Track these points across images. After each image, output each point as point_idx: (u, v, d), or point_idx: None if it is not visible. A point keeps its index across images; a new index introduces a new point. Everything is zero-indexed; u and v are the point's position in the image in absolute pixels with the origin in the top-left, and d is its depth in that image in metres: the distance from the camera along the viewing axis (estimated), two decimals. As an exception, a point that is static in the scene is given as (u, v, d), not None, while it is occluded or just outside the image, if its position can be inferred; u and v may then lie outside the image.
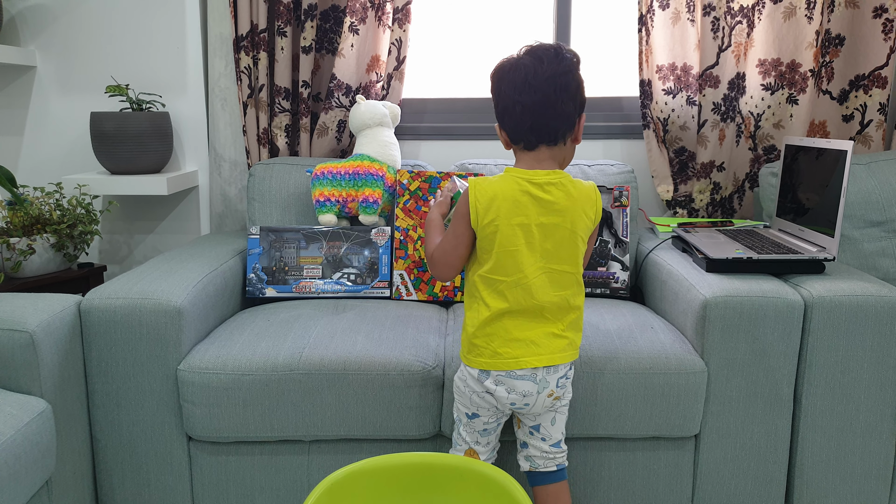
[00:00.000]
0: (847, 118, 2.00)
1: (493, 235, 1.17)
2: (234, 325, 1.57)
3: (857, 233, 1.80)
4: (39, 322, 1.30)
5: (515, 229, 1.17)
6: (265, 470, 1.47)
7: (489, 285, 1.19)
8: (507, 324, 1.20)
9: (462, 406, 1.28)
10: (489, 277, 1.19)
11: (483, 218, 1.16)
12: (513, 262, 1.18)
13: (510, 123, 1.18)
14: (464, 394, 1.26)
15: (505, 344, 1.20)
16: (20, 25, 2.06)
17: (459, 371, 1.28)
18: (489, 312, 1.19)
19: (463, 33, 2.22)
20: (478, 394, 1.23)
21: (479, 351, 1.21)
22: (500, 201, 1.16)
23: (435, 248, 1.24)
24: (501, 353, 1.20)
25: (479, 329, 1.20)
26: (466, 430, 1.29)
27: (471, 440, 1.29)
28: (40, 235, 1.79)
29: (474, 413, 1.26)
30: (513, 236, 1.17)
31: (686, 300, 1.50)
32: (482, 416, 1.26)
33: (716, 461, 1.48)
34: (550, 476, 1.30)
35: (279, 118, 2.01)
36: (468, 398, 1.25)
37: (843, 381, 1.44)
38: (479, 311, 1.20)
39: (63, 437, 1.35)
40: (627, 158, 2.13)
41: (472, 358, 1.22)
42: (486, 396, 1.23)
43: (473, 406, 1.25)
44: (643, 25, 1.97)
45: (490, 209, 1.16)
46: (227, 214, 2.11)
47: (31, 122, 2.11)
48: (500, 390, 1.21)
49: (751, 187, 2.07)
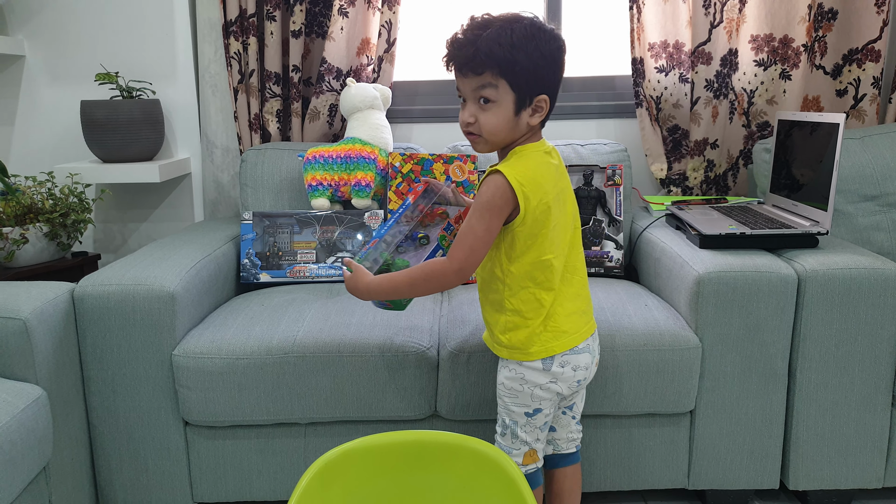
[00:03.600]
0: (841, 93, 1.99)
1: (545, 215, 1.11)
2: (229, 310, 1.57)
3: (851, 207, 1.79)
4: (33, 309, 1.30)
5: (556, 202, 1.13)
6: (262, 453, 1.47)
7: (545, 269, 1.13)
8: (564, 299, 1.16)
9: (518, 407, 1.20)
10: (544, 260, 1.13)
11: (532, 202, 1.09)
12: (560, 235, 1.15)
13: (555, 100, 1.12)
14: (521, 393, 1.18)
15: (567, 320, 1.16)
16: (8, 15, 2.05)
17: (506, 372, 1.19)
18: (552, 294, 1.14)
19: (453, 14, 2.20)
20: (541, 386, 1.17)
21: (545, 338, 1.15)
22: (541, 180, 1.11)
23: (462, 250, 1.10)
24: (567, 330, 1.16)
25: (545, 318, 1.15)
26: (526, 430, 1.21)
27: (531, 439, 1.22)
28: (33, 225, 1.78)
29: (536, 409, 1.19)
30: (556, 210, 1.13)
31: (680, 277, 1.50)
32: (544, 409, 1.20)
33: (711, 436, 1.49)
34: (571, 457, 1.31)
35: (270, 103, 2.00)
36: (528, 395, 1.18)
37: (838, 354, 1.44)
38: (540, 298, 1.14)
39: (60, 424, 1.36)
40: (621, 137, 2.12)
41: (535, 350, 1.15)
42: (550, 386, 1.17)
43: (535, 401, 1.19)
44: (634, 3, 1.95)
45: (536, 191, 1.09)
46: (220, 201, 2.11)
47: (22, 111, 2.10)
48: (566, 371, 1.17)
49: (745, 164, 2.06)
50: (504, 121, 1.10)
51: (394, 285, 1.16)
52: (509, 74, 1.07)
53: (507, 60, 1.06)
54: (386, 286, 1.16)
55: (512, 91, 1.08)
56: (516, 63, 1.06)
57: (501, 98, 1.09)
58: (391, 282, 1.16)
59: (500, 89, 1.08)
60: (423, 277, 1.13)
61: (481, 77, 1.08)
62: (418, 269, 1.14)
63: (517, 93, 1.08)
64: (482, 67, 1.07)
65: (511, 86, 1.08)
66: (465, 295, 1.67)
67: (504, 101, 1.09)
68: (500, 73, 1.07)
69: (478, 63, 1.07)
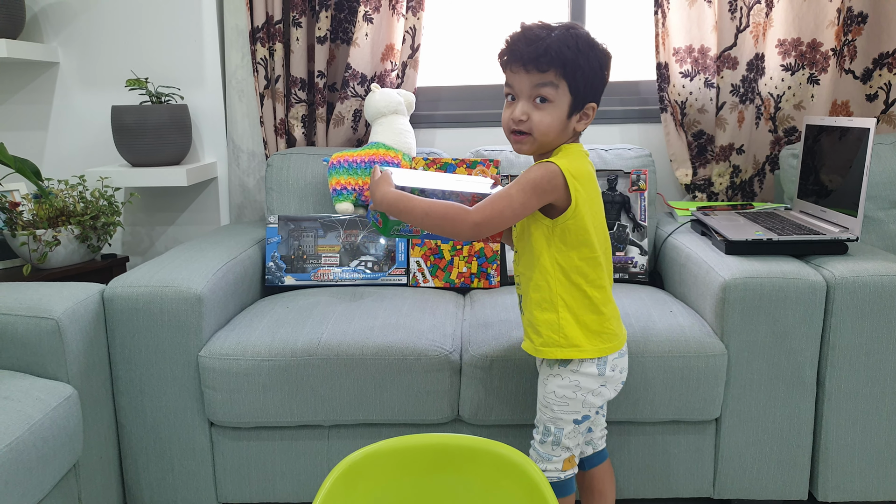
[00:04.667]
0: (871, 97, 1.96)
1: (592, 211, 1.13)
2: (254, 312, 1.59)
3: (881, 214, 1.76)
4: (65, 309, 1.33)
5: (600, 200, 1.16)
6: (285, 454, 1.49)
7: (595, 266, 1.14)
8: (610, 301, 1.18)
9: (568, 415, 1.18)
10: (594, 257, 1.13)
11: (584, 194, 1.10)
12: (604, 234, 1.17)
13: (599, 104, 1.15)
14: (574, 400, 1.17)
15: (617, 322, 1.19)
16: (42, 22, 2.10)
17: (559, 381, 1.17)
18: (602, 293, 1.15)
19: (477, 21, 2.21)
20: (593, 392, 1.17)
21: (602, 338, 1.15)
22: (589, 176, 1.13)
23: (490, 209, 1.09)
24: (617, 333, 1.17)
25: (598, 316, 1.15)
26: (570, 437, 1.20)
27: (573, 444, 1.20)
28: (65, 227, 1.82)
29: (585, 416, 1.18)
30: (601, 208, 1.16)
31: (705, 283, 1.49)
32: (591, 415, 1.20)
33: (737, 445, 1.47)
34: (602, 454, 1.32)
35: (295, 108, 2.02)
36: (580, 402, 1.17)
37: (868, 363, 1.41)
38: (591, 295, 1.14)
39: (89, 423, 1.38)
40: (645, 142, 2.11)
41: (590, 348, 1.14)
42: (601, 391, 1.17)
43: (586, 408, 1.18)
44: (659, 7, 1.94)
45: (586, 186, 1.11)
46: (245, 205, 2.13)
47: (55, 116, 2.15)
48: (616, 375, 1.18)
49: (771, 170, 2.03)
50: (557, 122, 1.11)
51: (410, 206, 1.13)
52: (571, 77, 1.08)
53: (573, 63, 1.07)
54: (402, 203, 1.13)
55: (570, 94, 1.09)
56: (579, 67, 1.08)
57: (559, 99, 1.10)
58: (409, 202, 1.13)
59: (560, 90, 1.09)
60: (440, 214, 1.11)
61: (545, 75, 1.08)
62: (440, 205, 1.12)
63: (574, 96, 1.10)
64: (549, 65, 1.08)
65: (570, 88, 1.09)
66: (487, 298, 1.67)
67: (560, 103, 1.10)
68: (563, 75, 1.08)
69: (546, 60, 1.07)
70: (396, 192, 1.15)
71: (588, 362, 1.16)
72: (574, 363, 1.16)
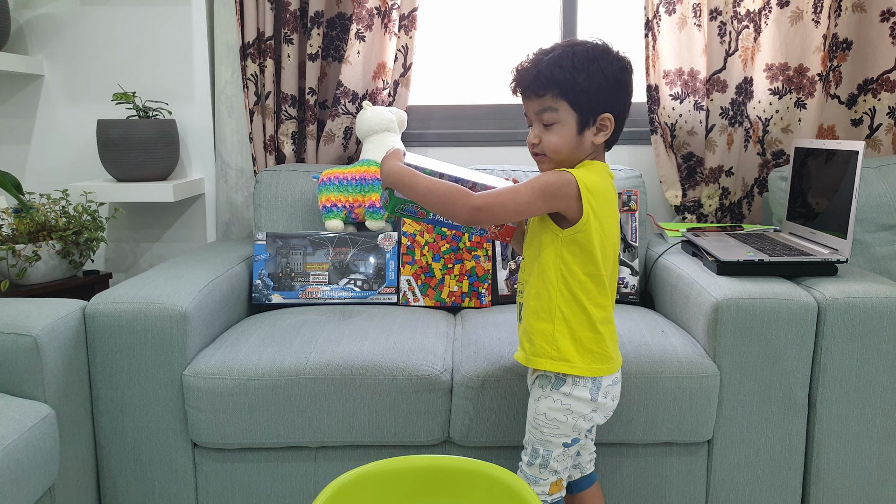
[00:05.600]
0: (856, 122, 1.99)
1: (603, 229, 1.12)
2: (240, 330, 1.56)
3: (868, 236, 1.78)
4: (44, 326, 1.29)
5: (615, 221, 1.15)
6: (271, 477, 1.45)
7: (599, 283, 1.13)
8: (612, 322, 1.17)
9: (558, 437, 1.17)
10: (598, 274, 1.13)
11: (596, 210, 1.10)
12: (613, 255, 1.16)
13: (623, 119, 1.14)
14: (564, 423, 1.15)
15: (614, 345, 1.17)
16: (28, 35, 2.07)
17: (549, 403, 1.16)
18: (601, 312, 1.14)
19: (468, 41, 2.22)
20: (584, 416, 1.15)
21: (594, 357, 1.14)
22: (606, 193, 1.12)
23: (493, 197, 1.10)
24: (612, 357, 1.16)
25: (595, 335, 1.14)
26: (559, 460, 1.18)
27: (561, 468, 1.19)
28: (46, 242, 1.78)
29: (574, 439, 1.17)
30: (614, 229, 1.15)
31: (697, 303, 1.48)
32: (581, 439, 1.19)
33: (729, 467, 1.45)
34: (591, 477, 1.31)
35: (286, 125, 2.01)
36: (570, 426, 1.16)
37: (859, 384, 1.41)
38: (590, 312, 1.13)
39: (66, 444, 1.34)
40: (635, 164, 2.12)
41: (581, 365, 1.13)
42: (592, 416, 1.16)
43: (576, 431, 1.16)
44: (649, 31, 1.96)
45: (601, 202, 1.11)
46: (233, 222, 2.11)
47: (39, 130, 2.12)
48: (608, 402, 1.17)
49: (759, 192, 2.05)
50: (567, 139, 1.12)
51: (413, 181, 1.13)
52: (569, 95, 1.10)
53: (568, 82, 1.09)
54: (406, 177, 1.13)
55: (574, 111, 1.11)
56: (576, 84, 1.09)
57: (564, 118, 1.11)
58: (413, 176, 1.13)
59: (562, 111, 1.11)
60: (441, 192, 1.11)
61: (542, 100, 1.11)
62: (443, 184, 1.12)
63: (579, 112, 1.11)
64: (543, 90, 1.11)
65: (572, 106, 1.10)
66: (478, 318, 1.65)
67: (567, 121, 1.11)
68: (560, 95, 1.10)
69: (539, 85, 1.11)
70: (403, 167, 1.15)
71: (581, 386, 1.14)
72: (567, 385, 1.14)
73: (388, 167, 1.15)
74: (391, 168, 1.15)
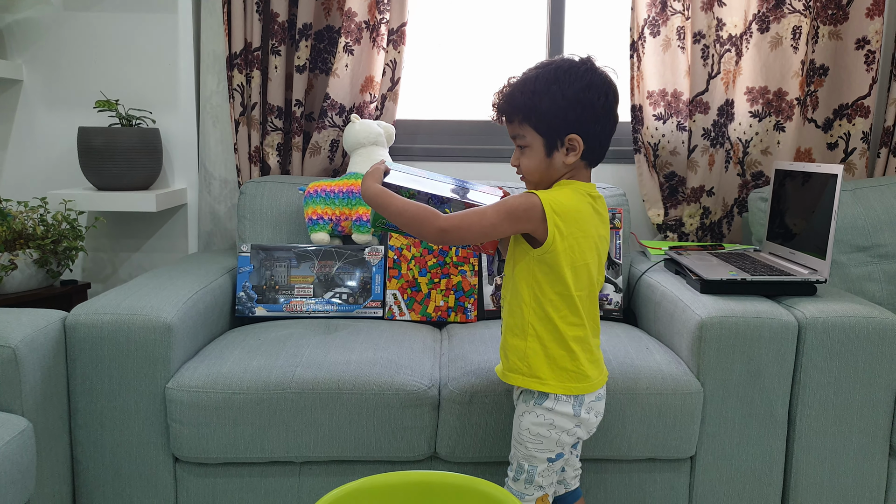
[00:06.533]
0: (832, 146, 2.05)
1: (572, 250, 1.12)
2: (224, 343, 1.54)
3: (844, 257, 1.82)
4: (23, 337, 1.26)
5: (589, 242, 1.14)
6: (254, 492, 1.42)
7: (568, 303, 1.14)
8: (588, 341, 1.17)
9: (542, 453, 1.18)
10: (568, 294, 1.13)
11: (564, 231, 1.10)
12: (587, 276, 1.15)
13: (601, 138, 1.14)
14: (548, 438, 1.16)
15: (591, 364, 1.17)
16: (7, 39, 2.04)
17: (532, 418, 1.16)
18: (575, 331, 1.15)
19: (457, 57, 2.24)
20: (568, 431, 1.16)
21: (564, 375, 1.15)
22: (576, 214, 1.12)
23: (459, 219, 1.12)
24: (591, 376, 1.17)
25: (569, 353, 1.14)
26: (544, 475, 1.19)
27: (547, 483, 1.20)
28: (23, 251, 1.74)
29: (559, 454, 1.18)
30: (588, 249, 1.14)
31: (681, 321, 1.50)
32: (565, 454, 1.20)
33: (711, 483, 1.47)
34: (576, 493, 1.31)
35: (271, 137, 2.00)
36: (554, 441, 1.17)
37: (836, 402, 1.44)
38: (563, 330, 1.14)
39: (43, 458, 1.30)
40: (618, 182, 2.15)
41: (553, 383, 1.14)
42: (576, 431, 1.17)
43: (559, 446, 1.17)
44: (634, 52, 2.00)
45: (569, 223, 1.11)
46: (215, 233, 2.08)
47: (16, 136, 2.08)
48: (591, 418, 1.18)
49: (739, 212, 2.09)
50: (537, 162, 1.15)
51: (387, 202, 1.16)
52: (531, 120, 1.13)
53: (528, 107, 1.12)
54: (381, 198, 1.16)
55: (539, 135, 1.13)
56: (536, 109, 1.12)
57: (532, 142, 1.14)
58: (387, 198, 1.16)
59: (528, 136, 1.14)
60: (412, 213, 1.13)
61: (512, 125, 1.16)
62: (414, 205, 1.15)
63: (543, 136, 1.13)
64: (510, 115, 1.15)
65: (536, 130, 1.13)
66: (465, 333, 1.65)
67: (535, 145, 1.14)
68: (524, 120, 1.14)
69: (505, 111, 1.16)
70: (379, 188, 1.17)
71: (564, 402, 1.15)
72: (549, 401, 1.15)
73: (365, 187, 1.18)
74: (367, 188, 1.18)
